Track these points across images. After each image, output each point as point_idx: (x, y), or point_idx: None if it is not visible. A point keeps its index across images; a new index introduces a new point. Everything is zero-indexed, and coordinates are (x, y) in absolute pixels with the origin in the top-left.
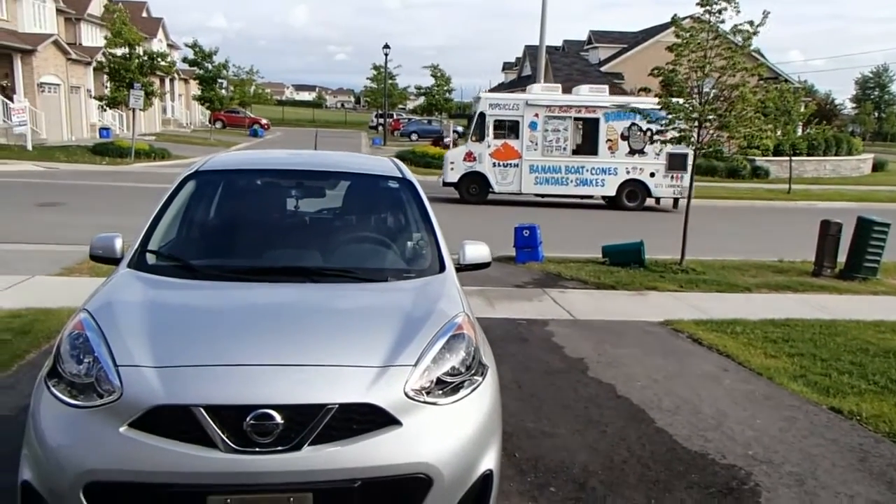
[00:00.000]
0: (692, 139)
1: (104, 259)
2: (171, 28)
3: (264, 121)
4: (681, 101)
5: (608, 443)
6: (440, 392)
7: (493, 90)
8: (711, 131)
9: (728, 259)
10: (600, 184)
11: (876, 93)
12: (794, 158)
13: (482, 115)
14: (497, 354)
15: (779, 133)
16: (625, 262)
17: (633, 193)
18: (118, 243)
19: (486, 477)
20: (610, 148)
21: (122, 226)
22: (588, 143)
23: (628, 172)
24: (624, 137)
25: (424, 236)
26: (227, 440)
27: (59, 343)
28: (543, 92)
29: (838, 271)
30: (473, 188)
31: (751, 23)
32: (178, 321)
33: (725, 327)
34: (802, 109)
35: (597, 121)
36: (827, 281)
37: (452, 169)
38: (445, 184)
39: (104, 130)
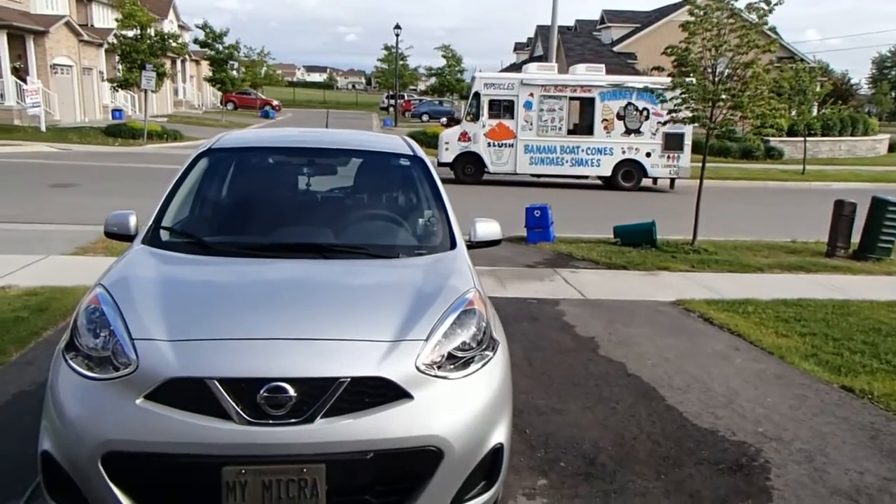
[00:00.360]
0: (705, 119)
1: (119, 236)
2: (182, 9)
3: (275, 102)
4: (693, 80)
5: (618, 420)
6: (451, 366)
7: (503, 70)
8: (724, 111)
9: (740, 239)
10: (596, 164)
11: (893, 72)
12: (808, 139)
13: (477, 95)
14: (508, 333)
15: (793, 113)
16: (636, 242)
17: (629, 173)
18: (132, 220)
19: (497, 450)
20: (606, 128)
21: (134, 206)
22: (583, 123)
23: (624, 152)
24: (620, 117)
25: (436, 213)
26: (241, 412)
27: (76, 317)
28: (539, 71)
29: (852, 252)
30: (469, 168)
31: (767, 1)
32: (191, 296)
33: (737, 307)
34: (818, 89)
35: (592, 100)
36: (840, 261)
37: (447, 149)
38: (440, 164)
39: (116, 112)
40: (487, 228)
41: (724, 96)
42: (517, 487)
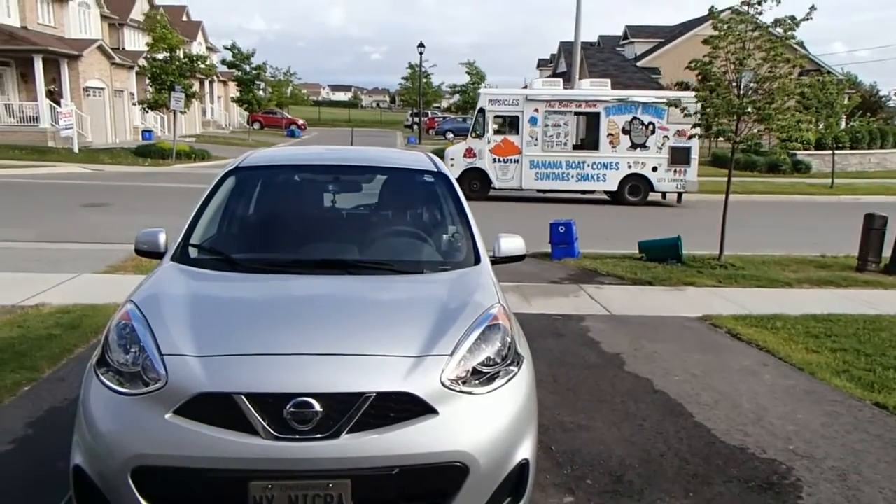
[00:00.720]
0: (730, 133)
1: (149, 253)
2: (210, 31)
3: (301, 121)
4: (717, 95)
5: (645, 436)
6: (476, 382)
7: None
8: (750, 124)
9: (768, 254)
10: (602, 178)
11: None
12: (837, 152)
13: (482, 111)
14: (533, 349)
15: (821, 126)
16: (662, 257)
17: (636, 188)
18: (162, 238)
19: (523, 466)
20: (611, 142)
21: (163, 224)
22: (589, 138)
23: (630, 167)
24: (625, 131)
25: (460, 229)
26: (267, 427)
27: (107, 333)
28: (544, 87)
29: (883, 266)
30: (475, 185)
31: (792, 17)
32: (220, 312)
33: (765, 322)
34: (846, 101)
35: (597, 115)
36: (871, 276)
37: (452, 165)
38: None
39: (146, 132)
40: (511, 244)
41: (749, 109)
42: None
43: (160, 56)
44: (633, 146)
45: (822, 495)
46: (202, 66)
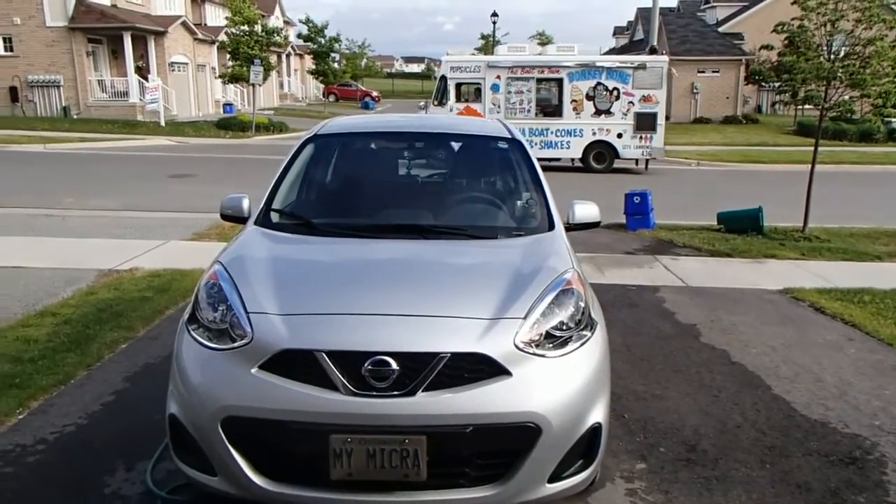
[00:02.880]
0: (819, 99)
1: (233, 217)
2: (287, 5)
3: (375, 93)
4: (805, 59)
5: (721, 407)
6: (549, 345)
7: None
8: (841, 90)
9: (856, 227)
10: (566, 146)
11: None
12: None
13: (443, 79)
14: (606, 319)
15: None
16: (741, 229)
17: (601, 155)
18: (245, 203)
19: (595, 430)
20: (575, 109)
21: (244, 193)
22: (552, 105)
23: (594, 134)
24: (589, 97)
25: (534, 195)
26: (347, 384)
27: (197, 291)
28: (507, 53)
29: None
30: None
31: None
32: (301, 273)
33: (852, 296)
34: None
35: (560, 81)
36: None
37: None
38: None
39: (227, 106)
40: (586, 210)
41: (840, 74)
42: (615, 470)
43: (239, 30)
44: (598, 112)
45: None
46: (278, 39)
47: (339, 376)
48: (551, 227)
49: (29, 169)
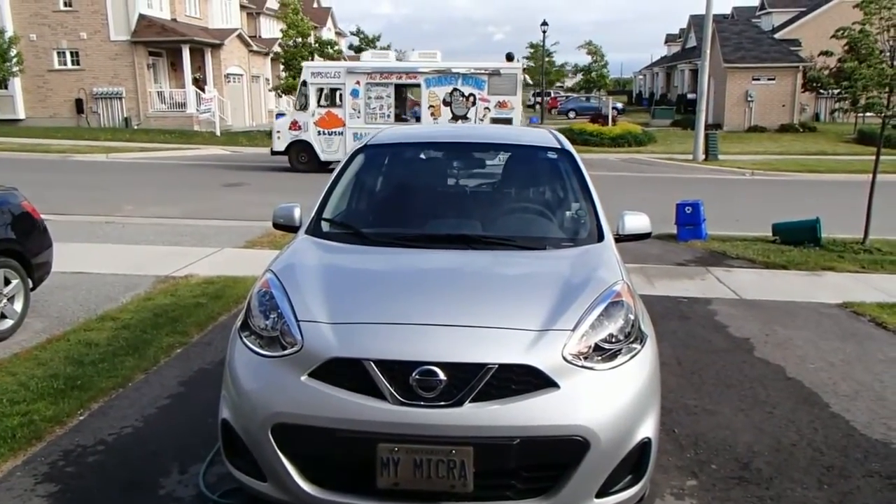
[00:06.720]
0: (881, 106)
1: (285, 227)
2: (339, 16)
3: None
4: (867, 65)
5: (775, 424)
6: (598, 358)
7: (654, 64)
8: None
9: None
10: None
11: None
12: None
13: (304, 84)
14: (656, 331)
15: None
16: (798, 240)
17: None
18: (297, 212)
19: (644, 445)
20: (433, 114)
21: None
22: (410, 110)
23: None
24: (446, 103)
25: (583, 206)
26: (394, 393)
27: (249, 299)
28: (370, 59)
29: None
30: (303, 157)
31: None
32: (350, 282)
33: None
34: None
35: (418, 87)
36: None
37: (279, 138)
38: (274, 152)
39: (280, 115)
40: (636, 221)
41: None
42: (665, 486)
43: (292, 42)
44: (455, 118)
45: None
46: (331, 50)
47: (387, 385)
48: (601, 237)
49: (92, 178)
